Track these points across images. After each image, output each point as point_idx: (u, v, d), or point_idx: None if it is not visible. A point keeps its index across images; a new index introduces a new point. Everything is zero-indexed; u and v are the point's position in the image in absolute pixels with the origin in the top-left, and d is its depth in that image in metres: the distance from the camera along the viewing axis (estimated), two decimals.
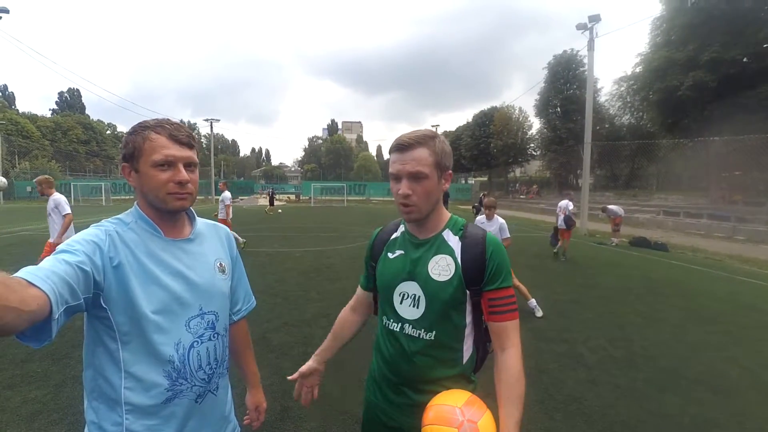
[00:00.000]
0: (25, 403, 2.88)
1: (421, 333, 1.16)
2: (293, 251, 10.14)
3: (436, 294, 1.14)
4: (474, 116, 46.86)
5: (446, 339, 1.16)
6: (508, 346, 1.11)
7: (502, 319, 1.12)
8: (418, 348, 1.17)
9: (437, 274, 1.14)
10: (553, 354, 4.00)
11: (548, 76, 33.83)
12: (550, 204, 30.40)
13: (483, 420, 1.01)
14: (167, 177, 1.00)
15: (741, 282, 7.81)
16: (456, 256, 1.14)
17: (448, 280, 1.13)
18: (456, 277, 1.12)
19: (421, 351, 1.16)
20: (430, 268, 1.15)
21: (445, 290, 1.13)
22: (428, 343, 1.15)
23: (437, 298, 1.14)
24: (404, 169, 1.11)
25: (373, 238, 1.37)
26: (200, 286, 1.07)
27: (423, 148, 1.11)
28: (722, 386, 3.42)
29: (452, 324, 1.16)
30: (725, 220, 16.27)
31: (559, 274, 8.05)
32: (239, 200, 41.61)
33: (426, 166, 1.11)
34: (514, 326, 1.13)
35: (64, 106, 66.24)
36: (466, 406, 1.03)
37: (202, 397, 1.06)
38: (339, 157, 77.82)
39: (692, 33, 18.98)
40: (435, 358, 1.16)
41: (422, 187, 1.12)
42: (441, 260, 1.15)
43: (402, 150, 1.13)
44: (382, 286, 1.27)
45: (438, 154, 1.13)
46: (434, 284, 1.14)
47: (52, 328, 0.74)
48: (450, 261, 1.14)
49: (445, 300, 1.13)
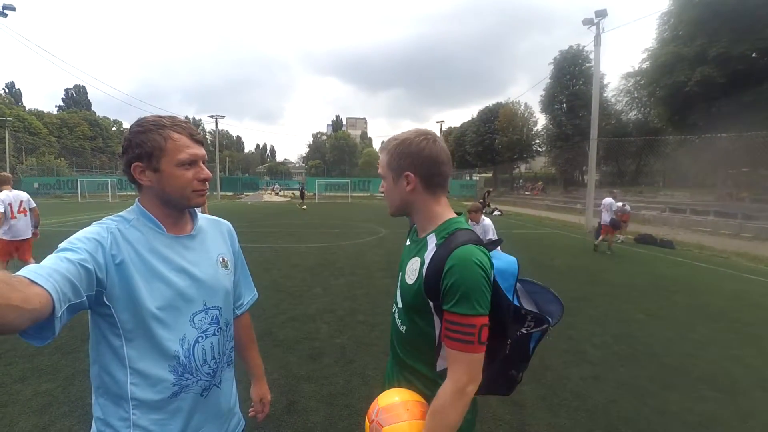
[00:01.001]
0: (35, 396, 2.93)
1: (399, 322, 1.22)
2: (298, 247, 10.18)
3: (402, 293, 1.18)
4: (479, 112, 46.69)
5: (415, 338, 1.16)
6: (448, 376, 1.01)
7: (449, 344, 1.01)
8: (396, 334, 1.24)
9: (408, 275, 1.15)
10: (557, 350, 4.01)
11: (554, 71, 33.55)
12: (555, 200, 30.32)
13: (390, 428, 1.03)
14: (192, 175, 1.03)
15: (747, 280, 7.76)
16: (425, 263, 1.09)
17: (412, 284, 1.12)
18: (418, 284, 1.09)
19: (398, 338, 1.23)
20: (407, 267, 1.18)
21: (409, 293, 1.13)
22: (401, 334, 1.20)
23: (403, 297, 1.18)
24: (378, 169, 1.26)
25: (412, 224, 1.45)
26: (203, 282, 1.08)
27: (384, 153, 1.22)
28: (726, 384, 3.42)
29: (418, 327, 1.13)
30: (732, 218, 16.12)
31: (563, 270, 8.03)
32: (244, 196, 41.78)
33: (382, 167, 1.22)
34: (461, 358, 0.99)
35: (71, 102, 66.65)
36: (385, 410, 1.06)
37: (208, 391, 1.08)
38: (343, 154, 77.72)
39: (700, 28, 18.78)
40: (409, 351, 1.19)
41: (383, 187, 1.25)
42: (414, 263, 1.14)
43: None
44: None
45: (393, 157, 1.18)
46: (404, 284, 1.18)
47: (54, 326, 0.75)
48: (418, 266, 1.11)
49: (408, 302, 1.15)
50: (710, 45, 18.15)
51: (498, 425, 2.75)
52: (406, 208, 1.22)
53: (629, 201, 16.28)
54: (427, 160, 1.14)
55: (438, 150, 1.14)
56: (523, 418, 2.84)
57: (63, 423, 2.60)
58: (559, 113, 33.82)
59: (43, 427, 2.55)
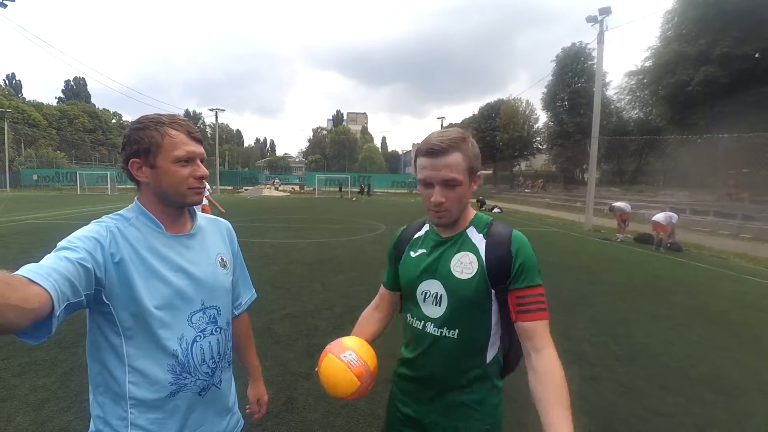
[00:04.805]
0: (33, 390, 2.92)
1: (443, 331, 1.15)
2: (297, 242, 10.17)
3: (458, 292, 1.12)
4: (480, 109, 46.61)
5: (469, 338, 1.14)
6: (542, 347, 1.05)
7: (531, 318, 1.07)
8: (440, 346, 1.16)
9: (459, 272, 1.12)
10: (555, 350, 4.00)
11: (556, 68, 33.47)
12: (555, 198, 30.33)
13: (329, 357, 1.18)
14: (188, 172, 1.02)
15: (746, 281, 7.76)
16: (480, 254, 1.12)
17: (470, 277, 1.11)
18: (479, 275, 1.10)
19: (444, 349, 1.16)
20: (452, 265, 1.14)
21: (468, 288, 1.11)
22: (451, 341, 1.14)
23: (459, 296, 1.12)
24: (438, 176, 1.07)
25: (396, 237, 1.36)
26: (202, 281, 1.08)
27: (457, 153, 1.07)
28: (724, 386, 3.42)
29: (475, 323, 1.14)
30: (732, 218, 16.14)
31: (562, 269, 8.02)
32: (243, 190, 41.74)
33: (460, 172, 1.07)
34: (545, 326, 1.08)
35: (70, 94, 66.22)
36: (338, 343, 1.22)
37: (206, 391, 1.08)
38: (344, 149, 77.44)
39: (704, 27, 18.68)
40: (457, 358, 1.15)
41: (455, 194, 1.09)
42: (464, 257, 1.13)
43: (434, 155, 1.07)
44: (404, 284, 1.26)
45: (471, 158, 1.09)
46: (456, 282, 1.12)
47: (51, 325, 0.74)
48: (473, 258, 1.12)
49: (468, 298, 1.11)
50: (714, 44, 18.06)
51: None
52: (463, 210, 1.17)
53: (629, 200, 16.28)
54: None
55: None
56: (520, 417, 2.84)
57: (61, 419, 2.59)
58: (560, 111, 33.77)
59: (40, 422, 2.55)
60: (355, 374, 1.13)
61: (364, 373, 1.15)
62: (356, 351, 1.17)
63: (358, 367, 1.15)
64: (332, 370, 1.15)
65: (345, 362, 1.14)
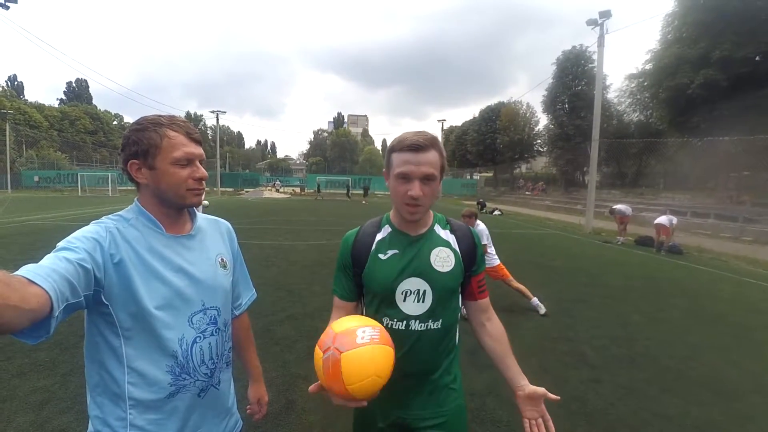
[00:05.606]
0: (33, 391, 2.92)
1: (428, 324, 1.21)
2: (298, 244, 10.17)
3: (442, 284, 1.21)
4: (480, 111, 46.53)
5: (450, 324, 1.26)
6: (492, 316, 1.33)
7: (485, 296, 1.33)
8: (426, 339, 1.21)
9: (440, 266, 1.21)
10: (556, 353, 4.01)
11: (556, 71, 33.43)
12: (556, 201, 30.29)
13: (350, 353, 0.97)
14: (187, 174, 1.02)
15: (746, 283, 7.75)
16: (453, 247, 1.25)
17: (451, 269, 1.22)
18: (457, 266, 1.23)
19: (430, 341, 1.22)
20: (432, 261, 1.21)
21: (450, 279, 1.22)
22: (435, 331, 1.22)
23: (444, 287, 1.21)
24: (418, 170, 1.13)
25: (350, 245, 1.31)
26: (202, 282, 1.08)
27: (434, 151, 1.15)
28: (725, 388, 3.42)
29: (453, 309, 1.26)
30: (732, 221, 16.10)
31: (563, 272, 8.02)
32: (244, 192, 41.78)
33: (436, 169, 1.16)
34: (489, 302, 1.35)
35: (72, 96, 66.37)
36: (343, 335, 1.00)
37: (205, 392, 1.08)
38: (344, 151, 77.49)
39: (704, 30, 18.70)
40: (440, 345, 1.25)
41: (431, 189, 1.16)
42: (441, 252, 1.23)
43: (417, 151, 1.13)
44: (378, 288, 1.23)
45: (443, 157, 1.19)
46: (438, 275, 1.21)
47: (50, 326, 0.74)
48: (449, 252, 1.24)
49: (450, 288, 1.23)
50: (714, 47, 18.07)
51: (496, 427, 2.74)
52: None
53: (630, 203, 16.28)
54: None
55: None
56: (521, 420, 2.84)
57: (61, 419, 2.59)
58: (561, 113, 33.72)
59: (40, 423, 2.55)
60: (386, 343, 1.03)
61: (389, 336, 1.07)
62: (361, 324, 1.05)
63: (382, 334, 1.04)
64: (370, 357, 0.98)
65: (368, 342, 0.99)
